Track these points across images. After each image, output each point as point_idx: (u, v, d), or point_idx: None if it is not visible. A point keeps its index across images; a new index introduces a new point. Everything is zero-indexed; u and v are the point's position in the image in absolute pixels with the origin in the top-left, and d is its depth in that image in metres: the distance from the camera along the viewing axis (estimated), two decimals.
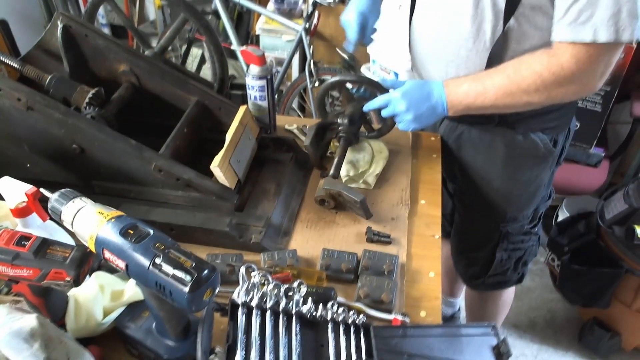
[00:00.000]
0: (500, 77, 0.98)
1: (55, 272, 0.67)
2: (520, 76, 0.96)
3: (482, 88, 0.99)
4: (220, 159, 0.96)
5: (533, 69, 0.95)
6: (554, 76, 0.93)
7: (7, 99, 0.93)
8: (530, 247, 1.39)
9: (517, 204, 1.28)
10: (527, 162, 1.20)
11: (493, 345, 0.78)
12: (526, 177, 1.22)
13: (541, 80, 0.94)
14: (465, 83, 1.01)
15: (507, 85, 0.97)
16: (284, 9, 2.69)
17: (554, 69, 0.93)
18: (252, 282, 0.70)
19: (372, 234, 0.98)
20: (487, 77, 1.00)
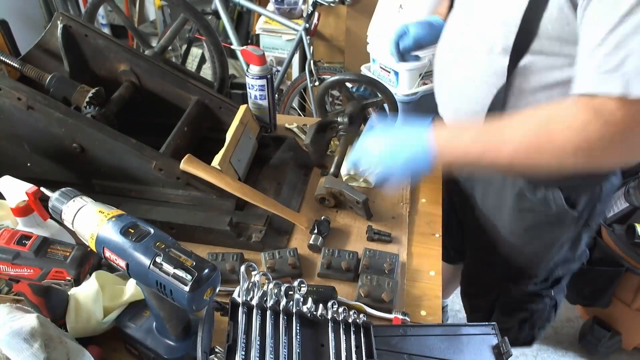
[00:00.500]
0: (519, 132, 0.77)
1: (55, 271, 0.67)
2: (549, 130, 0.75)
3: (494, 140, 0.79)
4: (221, 158, 0.96)
5: (573, 120, 0.73)
6: (605, 126, 0.71)
7: (7, 98, 0.93)
8: (540, 311, 1.24)
9: (521, 262, 1.15)
10: (537, 219, 1.05)
11: (493, 345, 0.77)
12: (534, 235, 1.08)
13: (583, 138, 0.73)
14: (468, 131, 0.82)
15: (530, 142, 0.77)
16: (284, 9, 2.69)
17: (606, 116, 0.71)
18: (253, 281, 0.70)
19: (372, 233, 0.98)
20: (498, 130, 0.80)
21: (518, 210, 1.05)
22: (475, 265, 1.29)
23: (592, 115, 0.71)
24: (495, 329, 0.79)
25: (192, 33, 2.63)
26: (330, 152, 1.22)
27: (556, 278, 1.19)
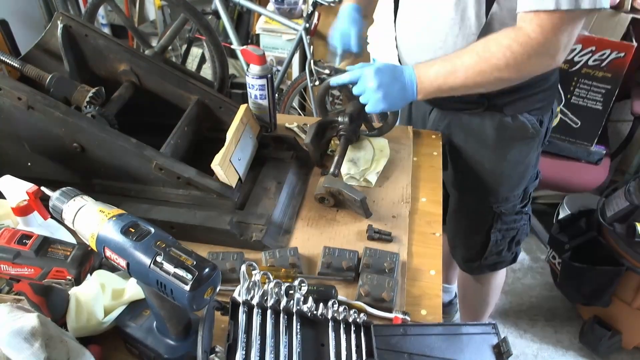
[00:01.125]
0: (469, 56, 0.98)
1: (56, 270, 0.67)
2: (489, 52, 0.96)
3: (452, 68, 0.99)
4: (221, 157, 0.96)
5: (501, 44, 0.95)
6: (522, 47, 0.93)
7: (7, 98, 0.93)
8: (523, 227, 1.42)
9: (508, 184, 1.30)
10: (515, 143, 1.23)
11: (493, 344, 0.77)
12: (515, 157, 1.25)
13: (510, 53, 0.94)
14: (435, 65, 1.01)
15: (477, 63, 0.97)
16: (284, 9, 2.69)
17: (521, 39, 0.93)
18: (253, 281, 0.70)
19: (373, 232, 0.98)
20: (457, 57, 1.00)
21: (500, 139, 1.22)
22: (465, 208, 1.41)
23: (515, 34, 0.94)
24: (496, 329, 0.79)
25: (192, 33, 2.63)
26: (331, 151, 1.22)
27: (529, 194, 1.38)
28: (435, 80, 1.01)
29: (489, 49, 0.97)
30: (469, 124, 1.24)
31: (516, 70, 0.97)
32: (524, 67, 0.97)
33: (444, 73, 1.00)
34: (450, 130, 1.28)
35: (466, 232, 1.46)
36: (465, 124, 1.25)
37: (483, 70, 0.97)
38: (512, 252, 1.47)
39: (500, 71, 0.97)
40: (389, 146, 1.19)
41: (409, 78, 1.02)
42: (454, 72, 0.99)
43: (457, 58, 0.99)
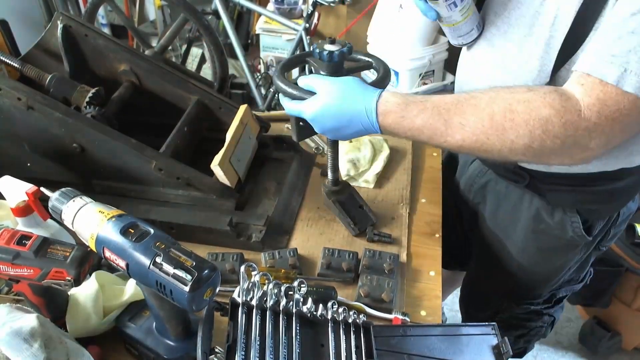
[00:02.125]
0: (476, 117, 0.70)
1: (55, 271, 0.67)
2: (510, 120, 0.68)
3: (442, 126, 0.72)
4: (221, 158, 0.96)
5: (536, 113, 0.67)
6: (563, 128, 0.67)
7: (7, 98, 0.93)
8: (538, 329, 1.21)
9: (528, 281, 1.10)
10: (550, 242, 1.00)
11: (493, 345, 0.77)
12: (546, 257, 1.04)
13: (542, 132, 0.67)
14: (420, 115, 0.73)
15: (484, 130, 0.70)
16: (284, 9, 2.69)
17: (568, 117, 0.66)
18: (253, 282, 0.70)
19: (373, 234, 0.98)
20: (457, 111, 0.72)
21: (532, 231, 1.00)
22: (478, 278, 1.22)
23: (558, 107, 0.67)
24: (495, 329, 0.79)
25: (192, 33, 2.63)
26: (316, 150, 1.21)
27: (558, 298, 1.16)
28: (407, 135, 0.75)
29: (514, 115, 0.68)
30: (505, 194, 1.02)
31: (537, 156, 0.71)
32: (546, 156, 0.71)
33: (429, 133, 0.73)
34: (486, 192, 1.08)
35: (473, 303, 1.32)
36: (501, 193, 1.04)
37: (489, 142, 0.70)
38: (519, 347, 1.24)
39: (512, 152, 0.70)
40: (388, 146, 1.19)
41: (367, 126, 0.76)
42: (442, 134, 0.72)
43: (458, 114, 0.71)
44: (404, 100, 0.75)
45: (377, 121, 0.75)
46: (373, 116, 0.75)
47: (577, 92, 0.68)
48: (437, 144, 0.75)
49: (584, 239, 0.97)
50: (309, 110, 0.78)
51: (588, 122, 0.66)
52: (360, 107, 0.75)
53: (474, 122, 0.70)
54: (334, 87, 0.78)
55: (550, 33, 0.77)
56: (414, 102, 0.74)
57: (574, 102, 0.67)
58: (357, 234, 0.99)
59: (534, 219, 0.98)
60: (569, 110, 0.67)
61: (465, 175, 1.14)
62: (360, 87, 0.77)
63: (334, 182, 1.02)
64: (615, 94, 0.65)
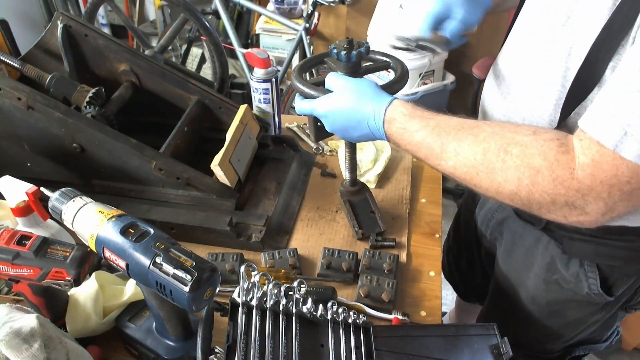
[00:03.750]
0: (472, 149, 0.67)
1: (55, 271, 0.67)
2: (503, 162, 0.64)
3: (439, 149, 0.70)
4: (221, 158, 0.96)
5: (529, 161, 0.62)
6: (553, 184, 0.61)
7: (7, 98, 0.93)
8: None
9: (538, 334, 1.00)
10: (563, 295, 0.91)
11: (493, 345, 0.77)
12: (558, 311, 0.94)
13: (530, 182, 0.62)
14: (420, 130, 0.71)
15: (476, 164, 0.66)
16: (284, 8, 2.69)
17: (559, 172, 0.60)
18: (252, 282, 0.70)
19: (375, 241, 0.97)
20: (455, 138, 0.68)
21: (543, 280, 0.92)
22: (491, 320, 1.11)
23: (551, 160, 0.61)
24: (495, 329, 0.79)
25: (192, 33, 2.63)
26: (330, 151, 1.22)
27: (574, 356, 1.05)
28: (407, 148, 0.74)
29: (507, 157, 0.64)
30: (522, 235, 0.95)
31: (525, 205, 0.66)
32: (535, 209, 0.66)
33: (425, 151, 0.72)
34: (503, 229, 1.01)
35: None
36: (517, 232, 0.96)
37: (478, 178, 0.67)
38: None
39: (499, 195, 0.66)
40: (390, 146, 1.19)
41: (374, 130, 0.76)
42: (437, 156, 0.70)
43: (456, 140, 0.68)
44: (411, 112, 0.73)
45: (382, 127, 0.74)
46: (380, 121, 0.74)
47: (576, 147, 0.60)
48: (432, 165, 0.72)
49: (602, 297, 0.86)
50: (322, 107, 0.79)
51: (580, 183, 0.59)
52: (369, 111, 0.75)
53: (468, 153, 0.67)
54: (348, 87, 0.78)
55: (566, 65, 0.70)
56: (420, 117, 0.72)
57: (570, 157, 0.60)
58: (360, 238, 0.99)
59: (548, 268, 0.90)
60: (562, 165, 0.60)
61: (485, 208, 1.07)
62: (374, 90, 0.77)
63: (351, 183, 1.02)
64: (612, 158, 0.57)
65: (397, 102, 0.75)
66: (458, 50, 1.02)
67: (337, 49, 0.83)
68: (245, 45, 2.98)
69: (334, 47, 0.83)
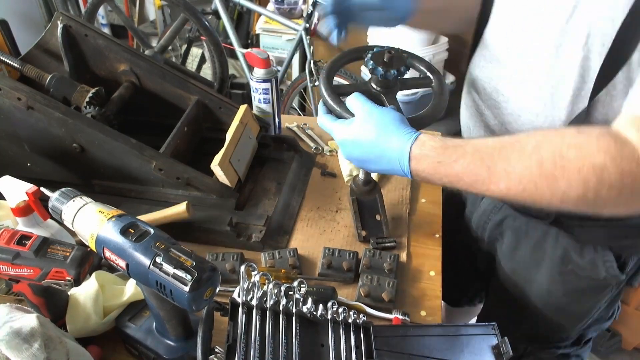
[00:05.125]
0: (523, 162, 0.63)
1: (55, 271, 0.67)
2: (561, 167, 0.61)
3: (485, 173, 0.65)
4: (221, 158, 0.96)
5: (590, 159, 0.60)
6: (621, 176, 0.59)
7: (7, 98, 0.93)
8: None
9: (554, 325, 1.01)
10: (580, 283, 0.91)
11: (493, 345, 0.77)
12: (575, 299, 0.95)
13: (597, 180, 0.60)
14: (459, 160, 0.67)
15: (532, 176, 0.63)
16: (284, 8, 2.69)
17: (625, 164, 0.59)
18: (252, 282, 0.70)
19: (376, 243, 0.97)
20: (501, 157, 0.65)
21: (559, 273, 0.92)
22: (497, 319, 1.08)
23: (614, 154, 0.59)
24: (495, 329, 0.79)
25: (192, 33, 2.63)
26: (329, 152, 1.22)
27: (588, 339, 1.09)
28: (443, 181, 0.69)
29: (565, 162, 0.61)
30: (526, 231, 0.94)
31: (590, 206, 0.63)
32: (600, 207, 0.63)
33: (469, 180, 0.66)
34: (503, 229, 1.00)
35: None
36: (521, 229, 0.96)
37: (538, 192, 0.63)
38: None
39: (564, 202, 0.63)
40: None
41: (398, 167, 0.71)
42: (484, 181, 0.65)
43: (502, 160, 0.64)
44: (442, 144, 0.68)
45: (408, 166, 0.70)
46: (405, 160, 0.69)
47: (633, 138, 0.59)
48: (479, 192, 0.67)
49: (618, 278, 0.88)
50: (340, 134, 0.76)
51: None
52: (392, 146, 0.70)
53: (521, 169, 0.63)
54: (372, 117, 0.73)
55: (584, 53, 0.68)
56: (453, 147, 0.68)
57: (631, 148, 0.59)
58: (362, 240, 0.98)
59: (561, 259, 0.90)
60: (626, 157, 0.59)
61: (477, 213, 1.05)
62: (398, 125, 0.72)
63: (364, 182, 1.00)
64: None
65: (424, 137, 0.70)
66: (458, 50, 1.02)
67: (374, 62, 0.77)
68: (245, 45, 2.98)
69: (372, 59, 0.78)
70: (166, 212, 0.93)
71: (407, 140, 0.69)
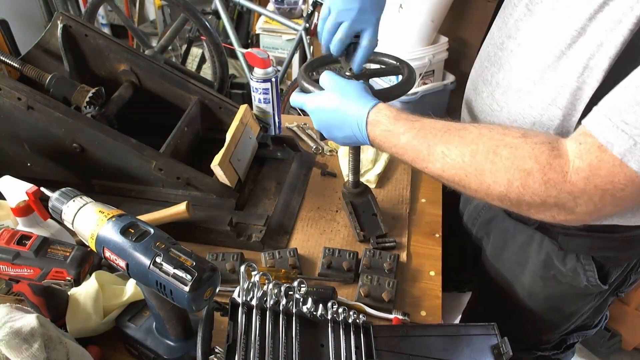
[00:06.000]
0: (459, 151, 0.66)
1: (55, 271, 0.67)
2: (492, 164, 0.63)
3: (426, 152, 0.69)
4: (221, 158, 0.96)
5: (520, 162, 0.62)
6: (544, 186, 0.60)
7: (7, 98, 0.93)
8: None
9: (535, 328, 1.02)
10: (561, 289, 0.92)
11: (493, 345, 0.77)
12: (556, 305, 0.96)
13: (520, 184, 0.62)
14: (406, 133, 0.71)
15: (464, 166, 0.66)
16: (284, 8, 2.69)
17: (551, 175, 0.60)
18: (252, 282, 0.70)
19: (376, 243, 0.97)
20: (442, 141, 0.68)
21: (540, 277, 0.93)
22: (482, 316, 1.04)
23: (543, 163, 0.60)
24: (495, 329, 0.79)
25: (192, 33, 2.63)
26: (329, 151, 1.22)
27: (569, 344, 1.08)
28: (392, 151, 0.74)
29: (496, 158, 0.63)
30: (513, 233, 0.95)
31: (514, 207, 0.66)
32: (524, 210, 0.65)
33: (412, 154, 0.71)
34: (491, 228, 1.01)
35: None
36: (508, 231, 0.96)
37: (467, 180, 0.66)
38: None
39: (488, 196, 0.66)
40: None
41: (357, 132, 0.76)
42: (424, 159, 0.70)
43: (443, 142, 0.68)
44: (396, 114, 0.73)
45: (366, 130, 0.75)
46: (363, 124, 0.75)
47: (571, 151, 0.60)
48: (420, 168, 0.72)
49: (599, 288, 0.88)
50: (309, 103, 0.82)
51: (573, 186, 0.59)
52: (353, 112, 0.76)
53: (456, 155, 0.66)
54: (338, 86, 0.80)
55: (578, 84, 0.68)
56: (405, 119, 0.72)
57: (563, 161, 0.60)
58: (361, 240, 0.99)
59: (544, 264, 0.91)
60: (554, 168, 0.60)
61: (470, 207, 1.07)
62: (361, 93, 0.77)
63: (354, 185, 1.03)
64: (611, 165, 0.56)
65: (382, 105, 0.75)
66: (458, 50, 1.02)
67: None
68: (245, 45, 2.98)
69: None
70: (166, 212, 0.93)
71: (366, 106, 0.75)
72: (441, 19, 2.03)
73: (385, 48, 0.96)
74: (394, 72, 0.91)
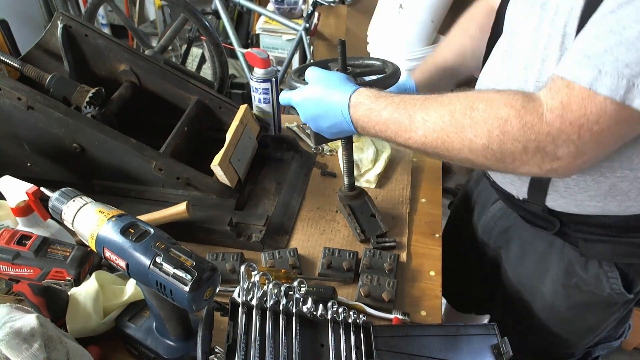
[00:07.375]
0: (438, 114, 0.68)
1: (55, 271, 0.67)
2: (470, 118, 0.65)
3: (407, 122, 0.71)
4: (221, 158, 0.96)
5: (495, 112, 0.64)
6: (522, 130, 0.62)
7: (7, 98, 0.93)
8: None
9: (558, 340, 0.99)
10: (584, 298, 0.89)
11: (493, 345, 0.77)
12: (580, 315, 0.93)
13: (500, 132, 0.63)
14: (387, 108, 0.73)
15: (444, 127, 0.68)
16: (284, 8, 2.69)
17: (528, 118, 0.62)
18: (252, 282, 0.70)
19: (376, 243, 0.97)
20: (422, 108, 0.71)
21: (563, 286, 0.90)
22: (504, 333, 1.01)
23: (518, 107, 0.62)
24: (495, 329, 0.79)
25: (192, 33, 2.63)
26: (329, 151, 1.22)
27: (594, 357, 1.05)
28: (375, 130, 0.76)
29: (473, 113, 0.66)
30: (532, 241, 0.93)
31: (499, 160, 0.66)
32: (509, 162, 0.66)
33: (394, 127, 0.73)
34: (509, 237, 0.99)
35: None
36: (527, 239, 0.95)
37: (450, 140, 0.68)
38: None
39: (472, 152, 0.67)
40: (390, 146, 1.19)
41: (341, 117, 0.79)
42: (405, 129, 0.71)
43: (422, 109, 0.70)
44: (376, 93, 0.76)
45: (349, 113, 0.78)
46: (345, 108, 0.78)
47: (543, 94, 0.63)
48: (403, 141, 0.73)
49: (624, 296, 0.86)
50: (296, 96, 0.85)
51: (550, 126, 0.61)
52: (336, 98, 0.79)
53: (436, 118, 0.69)
54: (321, 78, 0.83)
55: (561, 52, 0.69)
56: (385, 96, 0.75)
57: (537, 104, 0.62)
58: (362, 240, 0.99)
59: (565, 272, 0.88)
60: (529, 111, 0.62)
61: (485, 217, 1.05)
62: (343, 81, 0.81)
63: (349, 187, 1.03)
64: (581, 98, 0.58)
65: (363, 89, 0.78)
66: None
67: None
68: (245, 45, 2.98)
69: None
70: (166, 212, 0.93)
71: (347, 91, 0.78)
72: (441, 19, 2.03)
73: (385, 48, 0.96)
74: (379, 72, 0.95)
